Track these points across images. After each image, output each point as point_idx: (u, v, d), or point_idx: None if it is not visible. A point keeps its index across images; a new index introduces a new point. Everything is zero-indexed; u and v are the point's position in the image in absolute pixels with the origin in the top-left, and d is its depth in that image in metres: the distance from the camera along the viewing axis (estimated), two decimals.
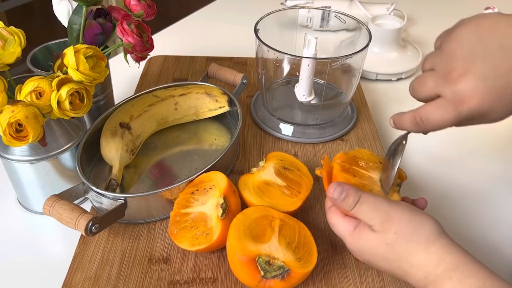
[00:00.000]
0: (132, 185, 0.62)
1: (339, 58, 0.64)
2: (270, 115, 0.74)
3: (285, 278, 0.46)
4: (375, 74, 0.90)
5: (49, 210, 0.50)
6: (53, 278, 0.52)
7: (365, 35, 0.67)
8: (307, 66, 0.66)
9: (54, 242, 0.58)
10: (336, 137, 0.72)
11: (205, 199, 0.53)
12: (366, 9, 1.02)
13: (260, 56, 0.69)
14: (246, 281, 0.48)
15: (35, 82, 0.48)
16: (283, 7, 0.89)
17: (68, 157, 0.58)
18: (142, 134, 0.66)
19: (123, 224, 0.57)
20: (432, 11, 1.19)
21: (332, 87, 0.75)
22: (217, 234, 0.50)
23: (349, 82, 0.71)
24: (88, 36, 0.59)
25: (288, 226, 0.50)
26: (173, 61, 0.90)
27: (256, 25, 0.69)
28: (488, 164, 0.71)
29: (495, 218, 0.62)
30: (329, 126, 0.72)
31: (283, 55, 0.65)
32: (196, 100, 0.70)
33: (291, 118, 0.73)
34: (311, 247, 0.49)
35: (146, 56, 0.61)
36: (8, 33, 0.49)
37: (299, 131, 0.72)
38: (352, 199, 0.43)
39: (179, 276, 0.51)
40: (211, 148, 0.68)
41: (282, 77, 0.75)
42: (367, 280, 0.51)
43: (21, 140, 0.47)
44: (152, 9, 0.62)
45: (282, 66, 0.72)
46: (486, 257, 0.56)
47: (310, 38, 0.66)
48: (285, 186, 0.57)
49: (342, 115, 0.74)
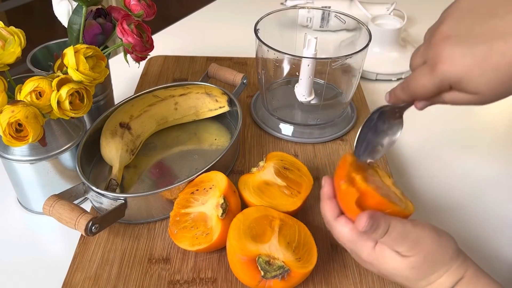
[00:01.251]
0: (132, 185, 0.62)
1: (339, 58, 0.64)
2: (270, 115, 0.74)
3: (285, 278, 0.46)
4: (375, 74, 0.90)
5: (49, 210, 0.50)
6: (53, 278, 0.52)
7: (365, 35, 0.67)
8: (307, 66, 0.66)
9: (54, 242, 0.58)
10: (336, 137, 0.72)
11: (205, 199, 0.53)
12: (366, 9, 1.02)
13: (260, 56, 0.69)
14: (246, 281, 0.48)
15: (35, 82, 0.48)
16: (283, 7, 0.89)
17: (68, 157, 0.58)
18: (142, 134, 0.66)
19: (123, 224, 0.57)
20: (432, 11, 1.19)
21: (332, 87, 0.75)
22: (217, 234, 0.50)
23: (349, 82, 0.71)
24: (88, 36, 0.59)
25: (288, 226, 0.50)
26: (173, 61, 0.90)
27: (256, 25, 0.69)
28: (488, 164, 0.71)
29: (495, 217, 0.62)
30: (329, 126, 0.72)
31: (283, 55, 0.65)
32: (196, 100, 0.70)
33: (291, 118, 0.73)
34: (311, 247, 0.49)
35: (146, 56, 0.61)
36: (8, 33, 0.49)
37: (299, 131, 0.72)
38: (382, 229, 0.41)
39: (179, 276, 0.51)
40: (211, 148, 0.68)
41: (282, 77, 0.75)
42: (367, 280, 0.51)
43: (21, 140, 0.47)
44: (152, 9, 0.62)
45: (282, 66, 0.72)
46: (486, 258, 0.56)
47: (310, 38, 0.66)
48: (285, 186, 0.57)
49: (342, 115, 0.74)
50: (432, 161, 0.71)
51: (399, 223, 0.41)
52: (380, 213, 0.41)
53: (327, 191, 0.46)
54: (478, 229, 0.60)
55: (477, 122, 0.81)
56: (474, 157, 0.72)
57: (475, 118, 0.81)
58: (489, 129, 0.79)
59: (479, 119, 0.81)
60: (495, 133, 0.78)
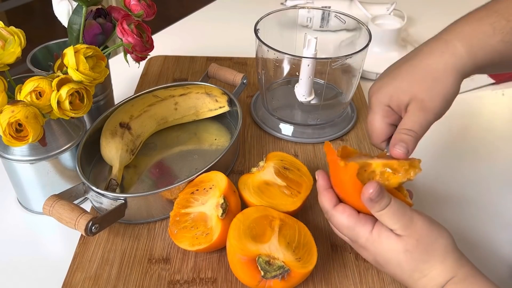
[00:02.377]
0: (132, 185, 0.62)
1: (339, 58, 0.64)
2: (270, 115, 0.74)
3: (285, 278, 0.46)
4: (375, 74, 0.89)
5: (49, 210, 0.50)
6: (53, 278, 0.52)
7: (365, 35, 0.67)
8: (307, 66, 0.66)
9: (54, 242, 0.58)
10: (336, 137, 0.72)
11: (205, 199, 0.53)
12: (366, 9, 1.02)
13: (260, 56, 0.69)
14: (246, 281, 0.48)
15: (35, 82, 0.48)
16: (283, 7, 0.89)
17: (68, 157, 0.58)
18: (142, 134, 0.66)
19: (123, 224, 0.57)
20: (432, 11, 1.19)
21: (332, 87, 0.75)
22: (217, 234, 0.50)
23: (349, 82, 0.71)
24: (88, 36, 0.59)
25: (288, 226, 0.50)
26: (173, 61, 0.90)
27: (256, 25, 0.69)
28: (487, 163, 0.71)
29: (496, 217, 0.62)
30: (329, 126, 0.72)
31: (283, 55, 0.65)
32: (196, 100, 0.70)
33: (291, 118, 0.73)
34: (311, 247, 0.49)
35: (146, 56, 0.61)
36: (8, 33, 0.49)
37: (299, 131, 0.72)
38: (385, 201, 0.42)
39: (179, 276, 0.51)
40: (211, 148, 0.68)
41: (282, 77, 0.75)
42: (367, 280, 0.51)
43: (21, 140, 0.47)
44: (152, 9, 0.62)
45: (282, 66, 0.72)
46: (486, 258, 0.56)
47: (310, 38, 0.66)
48: (285, 186, 0.57)
49: (342, 115, 0.74)
50: (432, 160, 0.71)
51: (397, 200, 0.43)
52: (383, 187, 0.42)
53: (322, 182, 0.47)
54: (478, 227, 0.60)
55: (477, 123, 0.81)
56: (475, 155, 0.72)
57: (476, 118, 0.81)
58: (488, 129, 0.79)
59: (480, 119, 0.81)
60: (495, 133, 0.78)
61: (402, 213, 0.42)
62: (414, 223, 0.42)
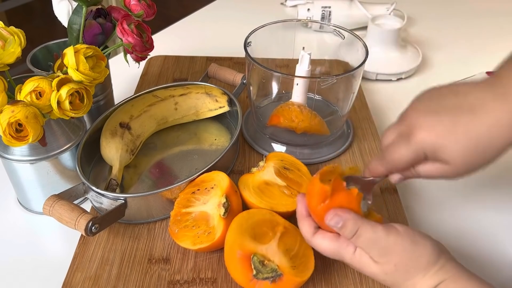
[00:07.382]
0: (132, 185, 0.62)
1: (328, 77, 0.62)
2: (262, 133, 0.69)
3: (276, 282, 0.45)
4: (375, 74, 0.90)
5: (49, 210, 0.50)
6: (53, 278, 0.52)
7: (362, 52, 0.63)
8: (296, 85, 0.64)
9: (54, 242, 0.58)
10: (330, 158, 0.67)
11: (206, 198, 0.53)
12: (366, 9, 1.02)
13: (250, 71, 0.65)
14: (237, 277, 0.47)
15: (35, 82, 0.48)
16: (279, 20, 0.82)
17: (68, 157, 0.58)
18: (142, 134, 0.66)
19: (123, 224, 0.57)
20: (432, 11, 1.19)
21: (327, 103, 0.72)
22: (219, 233, 0.50)
23: (344, 99, 0.66)
24: (88, 36, 0.59)
25: (290, 234, 0.50)
26: (173, 61, 0.90)
27: (246, 38, 0.64)
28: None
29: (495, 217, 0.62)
30: (324, 146, 0.68)
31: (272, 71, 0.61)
32: (196, 100, 0.70)
33: (283, 138, 0.68)
34: (308, 260, 0.48)
35: (146, 56, 0.61)
36: (8, 33, 0.49)
37: (291, 151, 0.67)
38: (349, 229, 0.42)
39: (179, 276, 0.51)
40: (211, 148, 0.68)
41: (273, 93, 0.72)
42: (367, 280, 0.51)
43: (21, 140, 0.47)
44: (152, 9, 0.62)
45: (271, 84, 0.70)
46: (486, 258, 0.56)
47: (303, 54, 0.64)
48: (285, 186, 0.57)
49: (337, 133, 0.69)
50: None
51: (370, 228, 0.42)
52: (351, 215, 0.43)
53: (301, 210, 0.47)
54: (478, 228, 0.60)
55: None
56: None
57: None
58: None
59: None
60: None
61: (374, 243, 0.42)
62: (391, 250, 0.42)
